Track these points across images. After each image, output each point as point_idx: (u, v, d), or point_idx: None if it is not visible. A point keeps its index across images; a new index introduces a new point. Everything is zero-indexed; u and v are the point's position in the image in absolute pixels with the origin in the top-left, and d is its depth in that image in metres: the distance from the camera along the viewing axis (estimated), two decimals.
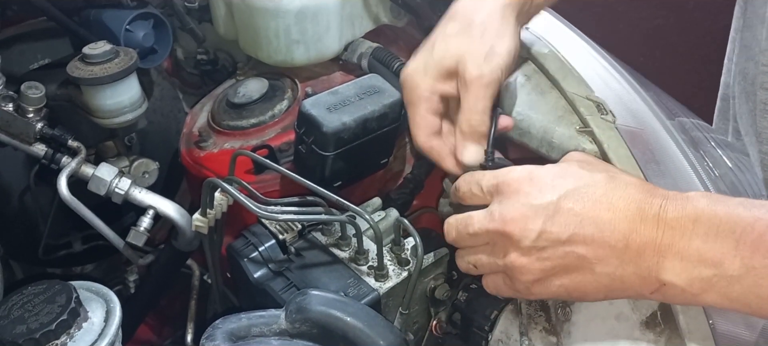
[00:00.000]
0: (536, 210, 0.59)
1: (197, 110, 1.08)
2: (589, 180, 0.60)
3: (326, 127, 0.82)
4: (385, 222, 0.86)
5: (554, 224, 0.59)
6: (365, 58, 1.04)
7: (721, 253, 0.54)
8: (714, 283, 0.55)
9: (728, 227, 0.54)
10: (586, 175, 0.61)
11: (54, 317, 0.67)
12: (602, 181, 0.60)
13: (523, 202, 0.61)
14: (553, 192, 0.60)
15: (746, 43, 0.99)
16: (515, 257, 0.61)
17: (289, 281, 0.79)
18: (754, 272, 0.53)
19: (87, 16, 1.05)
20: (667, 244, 0.56)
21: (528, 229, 0.59)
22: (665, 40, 2.12)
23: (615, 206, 0.58)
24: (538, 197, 0.60)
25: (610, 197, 0.59)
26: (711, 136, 0.90)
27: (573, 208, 0.58)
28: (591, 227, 0.58)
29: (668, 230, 0.56)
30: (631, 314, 0.67)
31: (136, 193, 0.91)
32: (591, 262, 0.59)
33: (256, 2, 1.00)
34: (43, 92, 0.88)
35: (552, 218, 0.59)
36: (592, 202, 0.59)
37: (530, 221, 0.59)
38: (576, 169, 0.62)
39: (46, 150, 0.90)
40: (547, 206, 0.59)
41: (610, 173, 0.62)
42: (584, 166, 0.63)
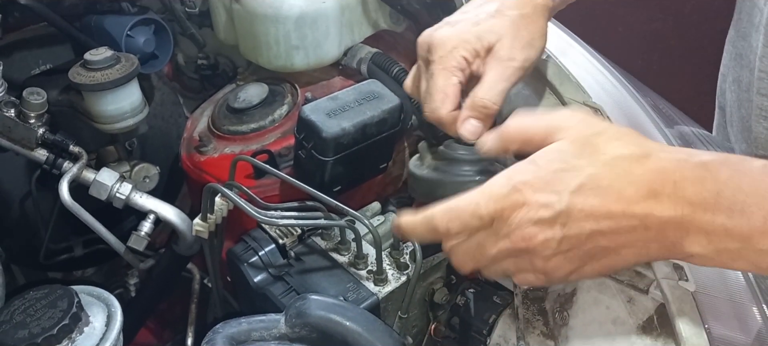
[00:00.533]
0: (550, 222, 0.56)
1: (198, 115, 1.09)
2: (590, 170, 0.56)
3: (326, 132, 0.83)
4: (384, 227, 0.87)
5: (571, 229, 0.56)
6: (365, 64, 1.04)
7: (749, 228, 0.50)
8: (743, 254, 0.52)
9: (755, 202, 0.50)
10: (584, 163, 0.56)
11: (56, 321, 0.67)
12: (604, 167, 0.56)
13: (532, 217, 0.56)
14: (560, 197, 0.55)
15: (740, 52, 1.00)
16: (542, 263, 0.58)
17: (289, 285, 0.79)
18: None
19: (88, 22, 1.05)
20: (688, 220, 0.53)
21: (548, 240, 0.57)
22: (663, 43, 2.13)
23: (624, 194, 0.54)
24: (546, 208, 0.56)
25: (618, 186, 0.55)
26: (710, 143, 0.90)
27: (584, 208, 0.55)
28: (606, 221, 0.55)
29: (688, 206, 0.52)
30: (628, 318, 0.67)
31: (136, 197, 0.91)
32: (615, 249, 0.57)
33: (256, 8, 1.01)
34: (44, 98, 0.89)
35: (567, 224, 0.56)
36: (601, 196, 0.55)
37: (547, 231, 0.56)
38: (572, 159, 0.57)
39: (47, 155, 0.90)
40: (559, 214, 0.56)
41: (610, 149, 0.56)
42: (580, 146, 0.57)
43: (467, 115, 0.71)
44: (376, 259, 0.78)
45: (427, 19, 1.03)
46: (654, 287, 0.66)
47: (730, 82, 1.05)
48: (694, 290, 0.64)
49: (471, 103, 0.71)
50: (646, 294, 0.67)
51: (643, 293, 0.67)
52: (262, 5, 1.00)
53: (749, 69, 0.94)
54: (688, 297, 0.63)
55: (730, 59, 1.08)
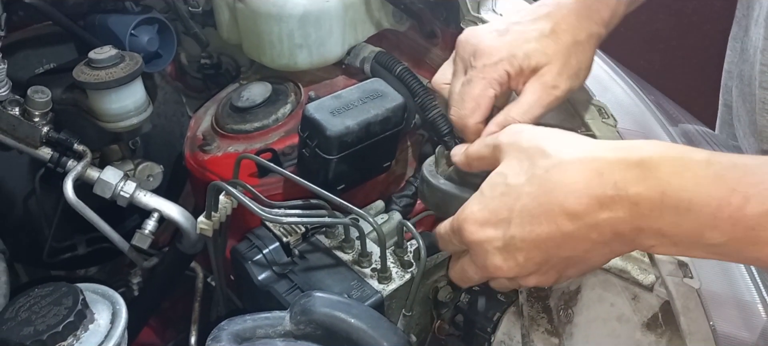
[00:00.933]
0: (507, 251, 0.58)
1: (201, 114, 1.09)
2: (528, 189, 0.56)
3: (330, 131, 0.83)
4: (388, 225, 0.87)
5: (521, 256, 0.58)
6: (368, 63, 1.04)
7: (699, 224, 0.50)
8: (697, 246, 0.52)
9: (700, 200, 0.49)
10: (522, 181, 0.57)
11: (61, 318, 0.67)
12: (541, 181, 0.56)
13: (489, 249, 0.59)
14: (504, 230, 0.58)
15: (742, 46, 1.00)
16: (522, 281, 0.61)
17: (293, 283, 0.79)
18: (736, 241, 0.50)
19: (92, 21, 1.06)
20: (638, 220, 0.52)
21: (512, 267, 0.59)
22: (665, 43, 2.13)
23: (570, 209, 0.54)
24: (499, 239, 0.58)
25: (558, 200, 0.55)
26: (713, 141, 0.91)
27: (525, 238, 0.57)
28: (558, 236, 0.56)
29: (633, 206, 0.52)
30: (633, 315, 0.67)
31: (141, 196, 0.91)
32: (580, 258, 0.58)
33: (259, 7, 1.01)
34: (49, 96, 0.89)
35: (516, 252, 0.58)
36: (545, 216, 0.55)
37: (508, 260, 0.59)
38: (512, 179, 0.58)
39: (51, 154, 0.90)
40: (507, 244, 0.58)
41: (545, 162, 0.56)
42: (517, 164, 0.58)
43: (494, 131, 0.68)
44: (380, 257, 0.78)
45: (429, 18, 1.03)
46: (659, 284, 0.66)
47: (734, 77, 1.05)
48: (699, 287, 0.64)
49: (502, 121, 0.69)
50: (651, 292, 0.67)
51: (648, 290, 0.67)
52: (266, 4, 1.01)
53: (751, 63, 0.94)
54: (693, 294, 0.63)
55: (733, 55, 1.08)
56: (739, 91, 1.02)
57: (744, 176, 0.48)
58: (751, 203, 0.48)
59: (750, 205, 0.48)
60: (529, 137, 0.60)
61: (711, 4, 1.98)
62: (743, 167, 0.49)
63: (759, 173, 0.48)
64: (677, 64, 2.10)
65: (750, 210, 0.48)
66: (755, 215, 0.48)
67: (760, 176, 0.48)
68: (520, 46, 0.70)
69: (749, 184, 0.48)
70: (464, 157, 0.67)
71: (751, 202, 0.48)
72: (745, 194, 0.48)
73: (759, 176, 0.48)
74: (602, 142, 0.57)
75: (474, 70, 0.71)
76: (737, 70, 1.03)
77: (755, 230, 0.48)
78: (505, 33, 0.72)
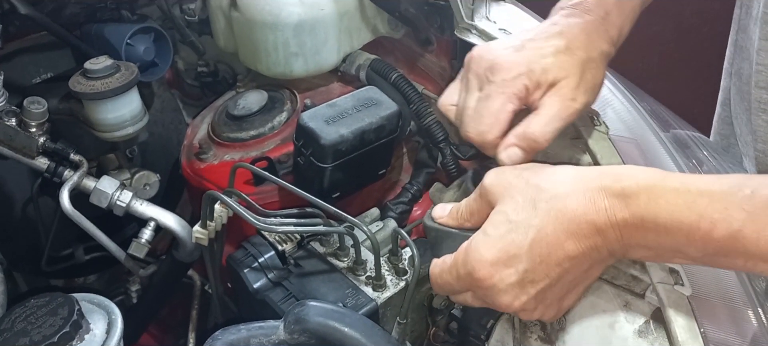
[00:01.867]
0: (520, 285, 0.62)
1: (198, 122, 1.09)
2: (535, 222, 0.60)
3: (324, 139, 0.83)
4: (382, 233, 0.87)
5: (539, 283, 0.62)
6: (363, 70, 1.05)
7: (677, 243, 0.57)
8: (680, 256, 0.59)
9: (674, 227, 0.56)
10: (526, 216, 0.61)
11: (56, 329, 0.68)
12: (544, 214, 0.60)
13: (501, 289, 0.62)
14: (518, 261, 0.61)
15: (741, 44, 1.00)
16: (528, 315, 0.65)
17: (288, 291, 0.80)
18: (711, 255, 0.56)
19: (88, 31, 1.06)
20: (627, 241, 0.59)
21: (524, 303, 0.63)
22: (662, 47, 2.13)
23: (574, 235, 0.59)
24: (512, 275, 0.61)
25: (563, 227, 0.59)
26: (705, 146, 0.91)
27: (543, 259, 0.60)
28: (567, 262, 0.61)
29: (624, 229, 0.58)
30: (625, 322, 0.68)
31: (137, 205, 0.92)
32: (581, 278, 0.63)
33: (255, 15, 1.02)
34: (45, 107, 0.89)
35: (534, 280, 0.61)
36: (553, 244, 0.60)
37: (521, 296, 0.62)
38: (514, 216, 0.61)
39: (48, 164, 0.91)
40: (525, 274, 0.61)
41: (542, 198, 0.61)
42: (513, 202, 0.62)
43: (513, 143, 0.69)
44: (375, 265, 0.78)
45: (424, 25, 1.03)
46: (650, 291, 0.67)
47: (732, 74, 1.05)
48: (690, 294, 0.64)
49: (522, 133, 0.69)
50: (643, 298, 0.68)
51: (640, 297, 0.68)
52: (261, 12, 1.01)
53: (749, 61, 0.94)
54: (683, 301, 0.64)
55: (732, 52, 1.09)
56: (736, 89, 1.03)
57: (710, 204, 0.54)
58: (717, 228, 0.54)
59: (716, 229, 0.54)
60: (516, 176, 0.64)
61: (709, 6, 1.98)
62: (710, 195, 0.55)
63: (724, 200, 0.54)
64: (675, 67, 2.10)
65: (717, 234, 0.54)
66: (722, 237, 0.54)
67: (725, 202, 0.54)
68: (538, 61, 0.70)
69: (715, 210, 0.54)
70: (455, 220, 0.69)
71: (717, 227, 0.54)
72: (711, 219, 0.54)
73: (724, 203, 0.54)
74: (586, 171, 0.62)
75: (492, 86, 0.71)
76: (736, 67, 1.04)
77: (724, 249, 0.54)
78: (522, 49, 0.72)
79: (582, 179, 0.61)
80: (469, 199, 0.67)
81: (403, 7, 1.03)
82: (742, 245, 0.53)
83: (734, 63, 1.05)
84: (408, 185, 1.00)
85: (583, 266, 0.61)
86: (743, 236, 0.53)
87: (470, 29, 0.93)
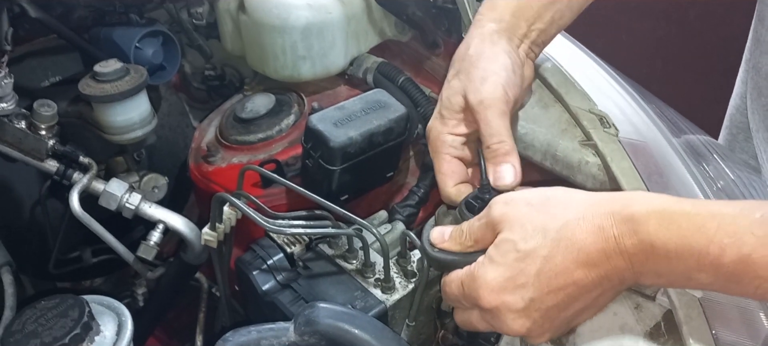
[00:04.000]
0: (526, 312, 0.62)
1: (205, 125, 1.10)
2: (543, 252, 0.60)
3: (333, 141, 0.84)
4: (391, 235, 0.87)
5: (547, 311, 0.61)
6: (370, 73, 1.05)
7: (688, 268, 0.56)
8: (691, 283, 0.58)
9: (685, 252, 0.55)
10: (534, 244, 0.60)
11: (67, 330, 0.68)
12: (553, 243, 0.60)
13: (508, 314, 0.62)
14: (525, 289, 0.61)
15: (759, 37, 1.00)
16: (537, 339, 0.65)
17: (297, 293, 0.80)
18: (722, 281, 0.55)
19: (97, 34, 1.07)
20: (638, 268, 0.58)
21: (530, 328, 0.62)
22: (667, 51, 2.13)
23: (584, 263, 0.59)
24: (518, 302, 0.61)
25: (571, 256, 0.59)
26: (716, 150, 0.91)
27: (550, 288, 0.60)
28: (574, 289, 0.60)
29: (633, 257, 0.58)
30: (636, 325, 0.68)
31: (146, 207, 0.92)
32: (591, 305, 0.63)
33: (263, 19, 1.02)
34: (55, 110, 0.90)
35: (540, 308, 0.61)
36: (561, 273, 0.60)
37: (526, 321, 0.62)
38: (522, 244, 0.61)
39: (57, 166, 0.91)
40: (530, 303, 0.61)
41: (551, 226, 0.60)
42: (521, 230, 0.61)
43: (492, 169, 0.71)
44: (384, 267, 0.79)
45: (431, 28, 1.04)
46: (661, 293, 0.67)
47: (749, 68, 1.05)
48: (701, 296, 0.64)
49: (487, 155, 0.72)
50: (654, 301, 0.68)
51: (651, 299, 0.68)
52: (269, 16, 1.01)
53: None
54: (695, 303, 0.64)
55: (751, 44, 1.08)
56: (754, 83, 1.02)
57: (720, 228, 0.54)
58: (727, 253, 0.53)
59: (726, 254, 0.53)
60: (526, 204, 0.63)
61: (713, 12, 1.98)
62: (720, 217, 0.54)
63: (734, 224, 0.54)
64: (680, 73, 2.11)
65: (726, 259, 0.53)
66: (731, 262, 0.53)
67: (734, 226, 0.53)
68: (441, 104, 0.76)
69: (725, 234, 0.53)
70: (458, 246, 0.68)
71: (726, 252, 0.53)
72: (721, 245, 0.53)
73: (734, 227, 0.53)
74: (595, 196, 0.61)
75: (433, 157, 0.77)
76: (753, 62, 1.03)
77: (735, 274, 0.53)
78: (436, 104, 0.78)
79: (592, 204, 0.60)
80: (473, 225, 0.66)
81: (410, 11, 1.03)
82: (752, 270, 0.53)
83: (752, 57, 1.04)
84: (415, 187, 1.01)
85: (593, 293, 0.61)
86: (753, 261, 0.52)
87: None
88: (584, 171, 0.79)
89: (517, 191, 0.67)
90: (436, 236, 0.69)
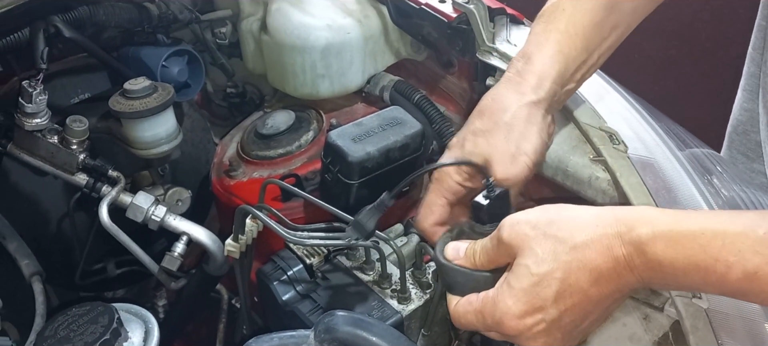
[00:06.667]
0: (548, 332, 0.63)
1: (227, 141, 1.13)
2: (559, 275, 0.61)
3: (351, 157, 0.87)
4: (407, 248, 0.89)
5: (566, 328, 0.64)
6: (387, 91, 1.08)
7: (695, 283, 0.59)
8: (702, 289, 0.61)
9: (691, 269, 0.57)
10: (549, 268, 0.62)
11: (97, 336, 0.71)
12: (566, 265, 0.61)
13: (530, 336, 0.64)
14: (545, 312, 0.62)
15: None
16: None
17: (316, 303, 0.82)
18: (730, 293, 0.58)
19: (125, 53, 1.11)
20: (648, 281, 0.61)
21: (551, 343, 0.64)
22: (678, 70, 2.14)
23: (595, 280, 0.61)
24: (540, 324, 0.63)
25: (585, 276, 0.61)
26: (721, 164, 0.93)
27: (568, 309, 0.62)
28: (590, 305, 0.62)
29: (643, 273, 0.60)
30: (644, 335, 0.69)
31: (170, 220, 0.95)
32: (603, 314, 0.65)
33: (284, 39, 1.06)
34: (86, 125, 0.94)
35: (561, 326, 0.63)
36: (578, 293, 0.62)
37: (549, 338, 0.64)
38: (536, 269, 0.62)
39: (87, 179, 0.95)
40: (552, 324, 0.63)
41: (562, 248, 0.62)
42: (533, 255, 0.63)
43: None
44: (400, 278, 0.81)
45: (446, 48, 1.07)
46: (669, 304, 0.69)
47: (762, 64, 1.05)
48: (708, 307, 0.66)
49: None
50: (662, 312, 0.69)
51: (659, 310, 0.70)
52: (290, 36, 1.05)
53: None
54: (701, 314, 0.66)
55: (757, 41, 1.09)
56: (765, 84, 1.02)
57: (724, 247, 0.56)
58: (732, 271, 0.55)
59: (731, 272, 0.55)
60: (532, 228, 0.64)
61: (724, 31, 1.99)
62: (723, 236, 0.56)
63: (738, 241, 0.55)
64: (691, 91, 2.12)
65: (732, 276, 0.55)
66: (737, 279, 0.55)
67: (739, 244, 0.55)
68: (460, 153, 0.77)
69: (729, 253, 0.55)
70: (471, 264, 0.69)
71: (732, 269, 0.55)
72: (726, 263, 0.55)
73: (738, 245, 0.55)
74: (601, 216, 0.62)
75: (430, 185, 0.80)
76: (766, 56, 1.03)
77: (741, 290, 0.56)
78: (450, 148, 0.79)
79: (598, 225, 0.61)
80: (486, 245, 0.67)
81: (425, 31, 1.06)
82: (758, 286, 0.54)
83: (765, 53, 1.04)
84: None
85: (605, 305, 0.63)
86: (759, 278, 0.54)
87: (491, 52, 0.96)
88: (594, 186, 0.82)
89: (522, 212, 0.67)
90: (451, 252, 0.70)
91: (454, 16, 0.98)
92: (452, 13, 0.98)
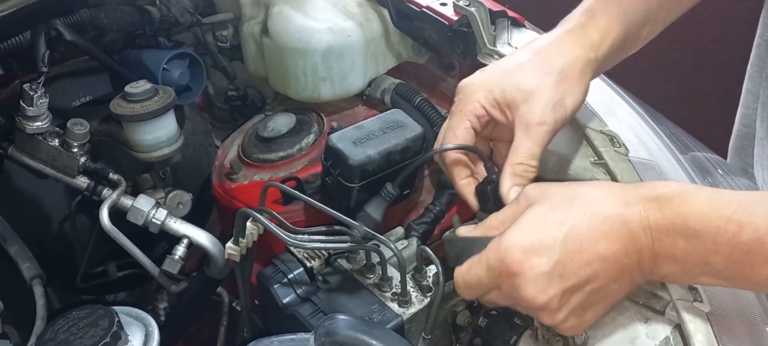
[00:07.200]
0: (549, 277, 0.62)
1: (228, 144, 1.13)
2: (570, 219, 0.62)
3: (352, 160, 0.86)
4: (407, 251, 0.89)
5: (569, 279, 0.62)
6: (388, 94, 1.08)
7: (705, 251, 0.59)
8: (706, 272, 0.60)
9: (703, 230, 0.58)
10: (562, 215, 0.62)
11: (97, 339, 0.71)
12: (579, 213, 0.62)
13: (530, 278, 0.62)
14: (551, 250, 0.61)
15: None
16: (549, 317, 0.65)
17: (317, 306, 0.82)
18: (736, 265, 0.58)
19: (126, 56, 1.11)
20: (658, 246, 0.60)
21: (550, 299, 0.62)
22: (681, 73, 2.14)
23: (607, 235, 0.61)
24: (543, 264, 0.61)
25: (595, 227, 0.61)
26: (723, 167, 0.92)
27: (575, 256, 0.61)
28: (597, 263, 0.61)
29: (655, 233, 0.60)
30: (646, 338, 0.69)
31: (171, 223, 0.95)
32: (606, 289, 0.63)
33: (286, 42, 1.06)
34: (87, 128, 0.94)
35: (563, 275, 0.62)
36: (587, 241, 0.61)
37: (548, 289, 0.62)
38: (550, 214, 0.62)
39: (88, 182, 0.95)
40: (555, 265, 0.62)
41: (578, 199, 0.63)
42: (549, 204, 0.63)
43: (511, 184, 0.71)
44: (401, 282, 0.81)
45: (447, 51, 1.07)
46: (670, 308, 0.68)
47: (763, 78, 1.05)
48: (709, 310, 0.66)
49: (512, 171, 0.71)
50: (663, 315, 0.69)
51: (660, 313, 0.69)
52: (292, 39, 1.05)
53: None
54: (702, 317, 0.65)
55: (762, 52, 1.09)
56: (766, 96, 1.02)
57: (738, 209, 0.57)
58: (745, 231, 0.56)
59: (744, 232, 0.56)
60: (554, 186, 0.65)
61: (727, 34, 1.99)
62: (738, 203, 0.58)
63: (752, 206, 0.57)
64: (694, 94, 2.11)
65: (744, 237, 0.56)
66: (748, 240, 0.56)
67: (752, 209, 0.57)
68: (497, 78, 0.73)
69: (743, 214, 0.57)
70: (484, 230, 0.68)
71: (744, 230, 0.56)
72: (739, 223, 0.57)
73: (752, 209, 0.57)
74: (623, 184, 0.66)
75: (453, 106, 0.76)
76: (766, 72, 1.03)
77: (750, 255, 0.56)
78: (487, 69, 0.76)
79: (619, 186, 0.65)
80: (504, 209, 0.67)
81: (426, 34, 1.06)
82: (766, 251, 0.55)
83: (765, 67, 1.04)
84: (431, 205, 1.03)
85: (612, 273, 0.62)
86: None
87: (492, 55, 0.96)
88: None
89: None
90: (463, 230, 0.71)
91: (455, 19, 0.98)
92: (453, 16, 0.99)
